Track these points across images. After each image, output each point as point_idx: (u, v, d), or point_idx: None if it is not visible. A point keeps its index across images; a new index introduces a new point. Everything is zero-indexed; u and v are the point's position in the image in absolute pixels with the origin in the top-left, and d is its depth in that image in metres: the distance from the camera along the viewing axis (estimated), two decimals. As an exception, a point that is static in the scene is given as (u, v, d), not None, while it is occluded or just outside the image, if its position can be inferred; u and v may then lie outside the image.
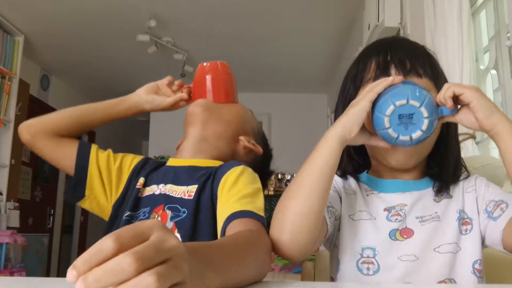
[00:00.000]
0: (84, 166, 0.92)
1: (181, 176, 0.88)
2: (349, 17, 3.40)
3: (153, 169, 0.94)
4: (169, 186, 0.87)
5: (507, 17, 1.54)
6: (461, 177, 0.78)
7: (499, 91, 1.63)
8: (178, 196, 0.85)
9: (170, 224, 0.82)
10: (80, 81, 4.97)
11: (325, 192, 0.66)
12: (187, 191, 0.85)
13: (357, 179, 0.81)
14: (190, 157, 0.93)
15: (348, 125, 0.65)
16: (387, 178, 0.79)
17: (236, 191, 0.78)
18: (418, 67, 0.73)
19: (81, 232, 5.38)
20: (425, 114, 0.63)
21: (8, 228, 3.43)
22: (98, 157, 0.94)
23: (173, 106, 1.00)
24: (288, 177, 4.96)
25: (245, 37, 3.82)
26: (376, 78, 0.73)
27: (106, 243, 0.32)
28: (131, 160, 0.97)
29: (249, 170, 0.86)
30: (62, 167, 0.96)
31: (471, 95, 0.63)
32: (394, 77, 0.66)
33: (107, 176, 0.93)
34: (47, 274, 4.47)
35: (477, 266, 0.71)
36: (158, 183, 0.89)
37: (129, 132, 6.22)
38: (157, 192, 0.87)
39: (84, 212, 5.44)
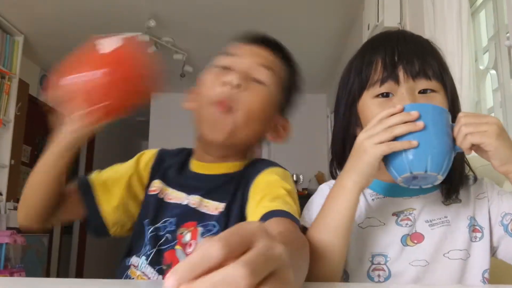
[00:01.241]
0: (98, 217, 0.85)
1: (214, 189, 0.82)
2: (348, 17, 3.40)
3: (177, 168, 0.88)
4: (198, 198, 0.81)
5: (506, 17, 1.54)
6: (470, 181, 0.77)
7: (499, 91, 1.63)
8: (212, 213, 0.80)
9: (200, 240, 0.78)
10: (80, 81, 4.96)
11: (347, 244, 0.65)
12: (217, 208, 0.80)
13: None
14: (218, 161, 0.85)
15: (365, 177, 0.63)
16: (393, 181, 0.76)
17: (269, 191, 0.74)
18: (427, 69, 0.70)
19: (81, 233, 5.38)
20: (441, 178, 0.61)
21: (8, 228, 3.43)
22: (106, 203, 0.85)
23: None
24: (288, 177, 4.96)
25: (244, 37, 3.81)
26: (383, 80, 0.71)
27: (213, 249, 0.29)
28: (140, 176, 0.89)
29: (281, 170, 0.82)
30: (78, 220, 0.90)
31: (490, 145, 0.60)
32: (411, 142, 0.60)
33: (124, 210, 0.86)
34: (47, 274, 4.46)
35: (486, 275, 0.70)
36: (188, 192, 0.83)
37: (128, 132, 6.22)
38: (184, 202, 0.82)
39: (84, 212, 5.44)
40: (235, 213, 0.78)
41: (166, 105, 5.15)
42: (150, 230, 0.81)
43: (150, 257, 0.78)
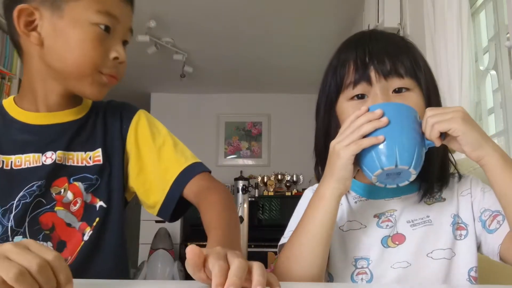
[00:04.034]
0: None
1: (72, 139, 0.78)
2: (348, 18, 3.40)
3: (4, 128, 0.78)
4: (61, 153, 0.76)
5: (506, 18, 1.54)
6: (455, 179, 0.76)
7: (499, 91, 1.63)
8: (80, 164, 0.77)
9: (88, 196, 0.76)
10: (80, 82, 4.96)
11: (326, 253, 0.66)
12: (90, 157, 0.78)
13: None
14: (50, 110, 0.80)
15: (342, 182, 0.64)
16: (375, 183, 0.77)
17: (161, 142, 0.82)
18: (399, 67, 0.70)
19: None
20: (414, 172, 0.61)
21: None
22: None
23: None
24: (288, 178, 4.96)
25: (245, 37, 3.81)
26: (356, 82, 0.71)
27: None
28: None
29: (144, 112, 0.87)
30: None
31: (458, 130, 0.60)
32: (378, 137, 0.61)
33: None
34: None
35: (472, 273, 0.70)
36: (43, 150, 0.76)
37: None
38: (48, 162, 0.75)
39: (84, 213, 5.42)
40: (117, 162, 0.80)
41: (166, 105, 5.16)
42: (17, 198, 0.73)
43: (27, 230, 0.72)
